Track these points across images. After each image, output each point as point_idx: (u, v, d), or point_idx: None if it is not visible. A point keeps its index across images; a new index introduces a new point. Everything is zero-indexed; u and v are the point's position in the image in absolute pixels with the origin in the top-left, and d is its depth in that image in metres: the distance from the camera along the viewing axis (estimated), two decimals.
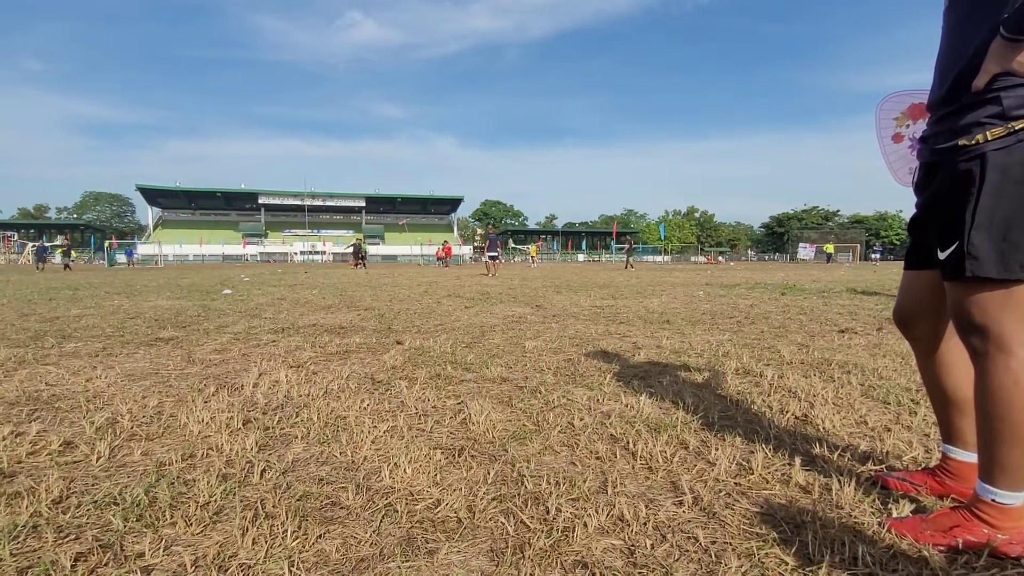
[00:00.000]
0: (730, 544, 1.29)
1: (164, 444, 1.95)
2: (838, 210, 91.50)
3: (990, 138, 1.17)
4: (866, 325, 5.09)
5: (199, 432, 2.06)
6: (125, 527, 1.36)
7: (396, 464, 1.74)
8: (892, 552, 1.25)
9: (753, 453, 1.84)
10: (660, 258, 71.44)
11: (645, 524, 1.38)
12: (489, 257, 18.03)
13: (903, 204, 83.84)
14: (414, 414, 2.32)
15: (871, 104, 2.01)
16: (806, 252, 66.06)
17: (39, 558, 1.22)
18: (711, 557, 1.24)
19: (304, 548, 1.28)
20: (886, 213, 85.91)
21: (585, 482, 1.62)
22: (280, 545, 1.28)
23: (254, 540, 1.29)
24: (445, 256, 34.60)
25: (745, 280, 13.53)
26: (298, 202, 78.02)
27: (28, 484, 1.60)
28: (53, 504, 1.48)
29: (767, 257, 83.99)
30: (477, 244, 69.62)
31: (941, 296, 1.39)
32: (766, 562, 1.22)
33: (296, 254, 62.30)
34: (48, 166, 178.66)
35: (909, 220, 1.50)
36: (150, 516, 1.41)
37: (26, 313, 6.15)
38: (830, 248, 48.31)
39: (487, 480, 1.65)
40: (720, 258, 63.69)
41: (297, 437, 2.02)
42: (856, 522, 1.38)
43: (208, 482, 1.59)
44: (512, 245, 70.39)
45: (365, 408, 2.39)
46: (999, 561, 1.20)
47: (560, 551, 1.26)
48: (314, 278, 15.58)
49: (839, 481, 1.58)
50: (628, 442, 1.95)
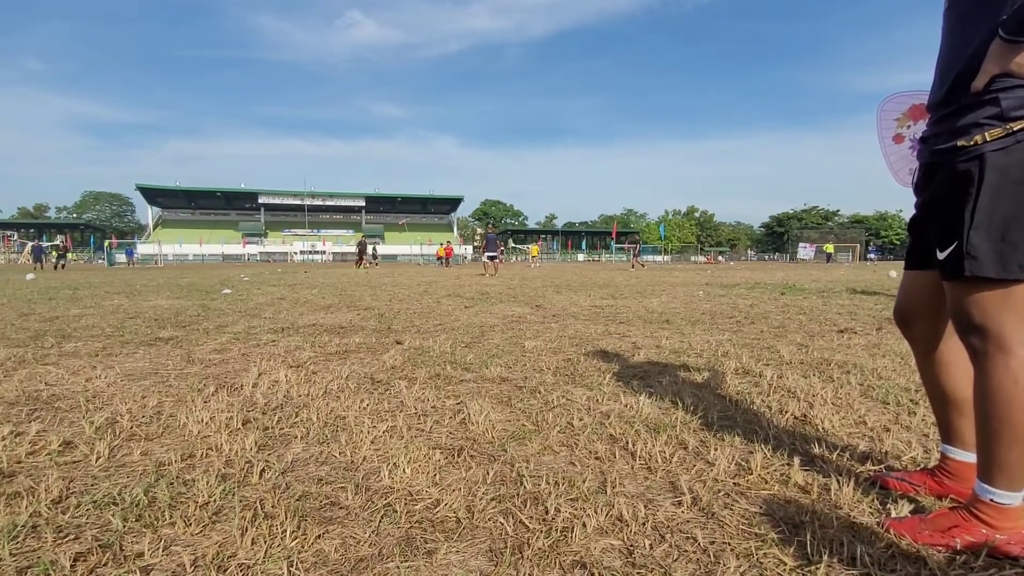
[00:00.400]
0: (729, 544, 1.30)
1: (163, 444, 1.96)
2: (838, 210, 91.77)
3: (989, 139, 1.18)
4: (865, 325, 5.09)
5: (198, 432, 2.06)
6: (124, 527, 1.36)
7: (395, 464, 1.74)
8: (891, 552, 1.25)
9: (752, 453, 1.84)
10: (660, 258, 71.43)
11: (644, 524, 1.39)
12: (488, 257, 17.97)
13: (903, 204, 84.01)
14: (413, 414, 2.32)
15: (871, 104, 2.02)
16: (806, 252, 66.15)
17: (38, 558, 1.22)
18: (710, 557, 1.24)
19: (303, 548, 1.28)
20: (886, 213, 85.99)
21: (584, 482, 1.62)
22: (279, 545, 1.28)
23: (253, 540, 1.30)
24: (446, 256, 34.48)
25: (745, 280, 13.53)
26: (298, 202, 78.04)
27: (28, 484, 1.60)
28: (52, 504, 1.48)
29: (767, 257, 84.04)
30: (476, 244, 69.59)
31: (941, 296, 1.39)
32: (764, 562, 1.22)
33: (296, 254, 62.30)
34: (48, 166, 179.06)
35: (909, 220, 1.50)
36: (149, 516, 1.41)
37: (26, 313, 6.15)
38: (830, 248, 48.35)
39: (486, 480, 1.65)
40: (720, 258, 63.74)
41: (296, 437, 2.03)
42: (855, 522, 1.38)
43: (207, 482, 1.59)
44: (512, 245, 70.39)
45: (364, 408, 2.39)
46: (997, 561, 1.20)
47: (559, 551, 1.27)
48: (314, 278, 15.58)
49: (838, 481, 1.58)
50: (627, 442, 1.95)
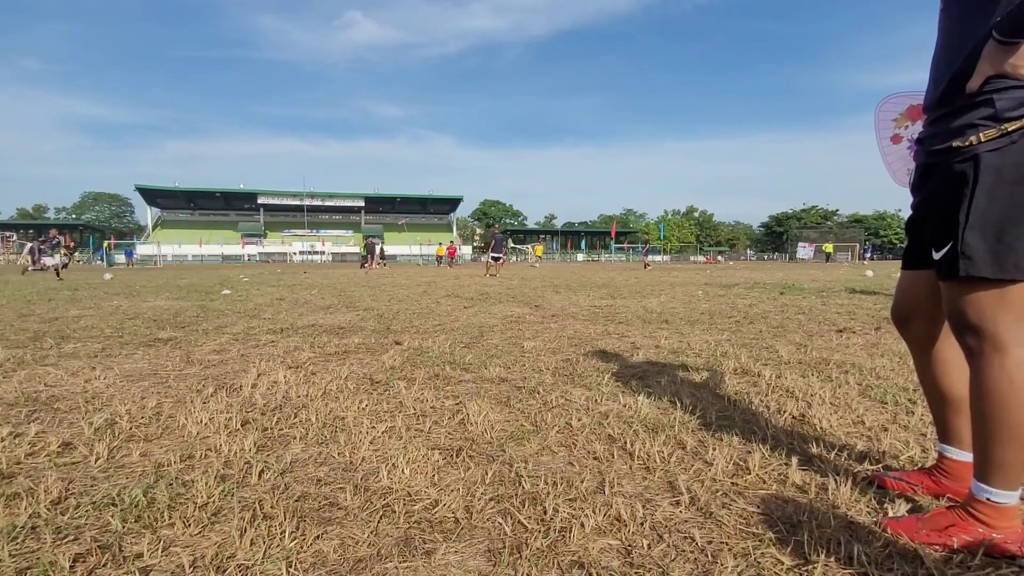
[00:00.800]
0: (726, 544, 1.30)
1: (163, 445, 1.96)
2: (837, 209, 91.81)
3: (983, 140, 1.18)
4: (864, 325, 5.10)
5: (197, 433, 2.06)
6: (124, 528, 1.36)
7: (394, 465, 1.75)
8: (888, 551, 1.25)
9: (750, 453, 1.84)
10: (659, 258, 71.40)
11: (642, 524, 1.39)
12: (492, 257, 17.97)
13: (902, 204, 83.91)
14: (412, 415, 2.33)
15: (870, 103, 2.03)
16: (805, 252, 66.21)
17: (38, 559, 1.23)
18: (707, 557, 1.25)
19: (302, 549, 1.28)
20: (885, 212, 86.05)
21: (583, 482, 1.62)
22: (278, 546, 1.29)
23: (252, 541, 1.30)
24: (449, 256, 33.87)
25: (744, 280, 13.54)
26: (297, 202, 77.86)
27: (27, 485, 1.60)
28: (52, 505, 1.48)
29: (766, 257, 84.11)
30: (476, 244, 69.57)
31: (937, 296, 1.39)
32: (762, 562, 1.22)
33: (295, 254, 62.24)
34: (47, 166, 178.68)
35: (906, 220, 1.51)
36: (148, 517, 1.41)
37: (25, 314, 6.15)
38: (829, 247, 48.41)
39: (485, 480, 1.66)
40: (719, 258, 63.81)
41: (295, 438, 2.03)
42: (852, 521, 1.39)
43: (206, 483, 1.59)
44: (512, 245, 70.38)
45: (363, 409, 2.39)
46: (994, 560, 1.20)
47: (557, 551, 1.27)
48: (313, 278, 15.57)
49: (836, 481, 1.59)
50: (626, 442, 1.95)
